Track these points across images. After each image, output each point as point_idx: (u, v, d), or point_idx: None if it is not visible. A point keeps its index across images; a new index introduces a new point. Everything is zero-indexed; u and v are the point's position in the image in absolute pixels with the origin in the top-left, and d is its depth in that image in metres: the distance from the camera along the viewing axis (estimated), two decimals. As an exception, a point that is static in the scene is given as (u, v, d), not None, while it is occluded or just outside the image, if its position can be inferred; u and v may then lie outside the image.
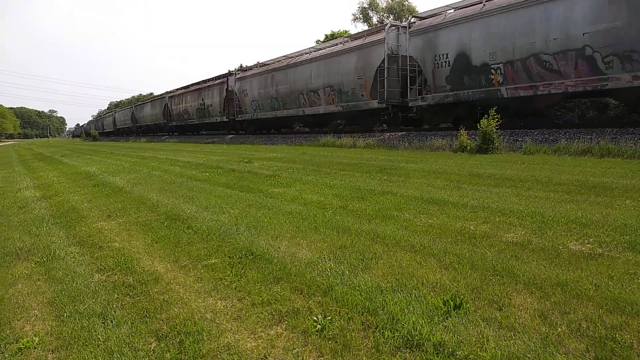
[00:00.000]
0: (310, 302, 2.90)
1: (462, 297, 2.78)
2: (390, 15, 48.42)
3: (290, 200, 6.31)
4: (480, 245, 3.82)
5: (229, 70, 32.18)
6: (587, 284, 2.91)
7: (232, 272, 3.52)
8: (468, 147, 12.19)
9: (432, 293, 2.89)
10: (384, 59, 17.32)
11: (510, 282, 3.02)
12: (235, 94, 30.00)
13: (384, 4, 49.68)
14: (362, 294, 2.92)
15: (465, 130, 12.93)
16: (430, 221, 4.71)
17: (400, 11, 47.45)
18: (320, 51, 22.57)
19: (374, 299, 2.83)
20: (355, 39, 20.65)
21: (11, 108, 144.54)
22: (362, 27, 49.24)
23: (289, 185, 7.72)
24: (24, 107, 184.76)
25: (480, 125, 11.93)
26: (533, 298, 2.78)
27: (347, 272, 3.34)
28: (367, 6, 50.09)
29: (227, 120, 31.81)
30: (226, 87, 31.21)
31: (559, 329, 2.39)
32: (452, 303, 2.69)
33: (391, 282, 3.09)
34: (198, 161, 13.60)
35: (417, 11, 45.29)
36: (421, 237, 4.12)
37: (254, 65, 29.01)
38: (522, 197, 5.71)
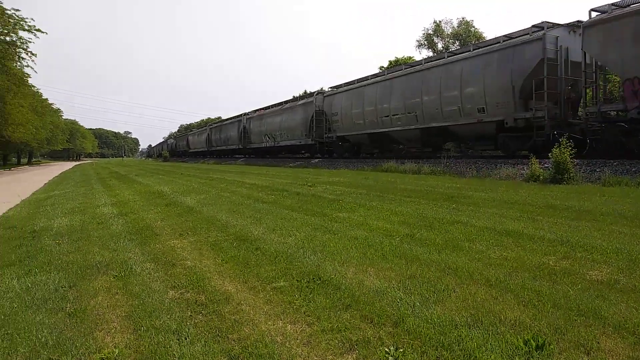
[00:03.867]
0: (381, 332, 2.83)
1: (544, 337, 2.61)
2: (456, 42, 47.87)
3: (356, 226, 6.27)
4: (561, 282, 3.59)
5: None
6: (688, 331, 2.64)
7: (300, 296, 3.52)
8: (541, 177, 11.64)
9: (511, 331, 2.74)
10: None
11: (597, 324, 2.80)
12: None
13: (450, 30, 49.28)
14: (436, 327, 2.82)
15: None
16: (504, 254, 4.50)
17: (466, 37, 46.85)
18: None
19: (449, 334, 2.72)
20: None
21: (91, 129, 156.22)
22: (426, 53, 48.90)
23: (353, 210, 7.69)
24: (102, 128, 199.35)
25: (552, 154, 11.39)
26: (625, 343, 2.55)
27: (418, 303, 3.24)
28: (432, 32, 49.90)
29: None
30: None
31: (659, 381, 2.17)
32: (533, 343, 2.53)
33: (466, 317, 2.96)
34: (264, 184, 13.92)
35: (484, 37, 44.42)
36: (496, 271, 3.94)
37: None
38: (604, 232, 5.33)
